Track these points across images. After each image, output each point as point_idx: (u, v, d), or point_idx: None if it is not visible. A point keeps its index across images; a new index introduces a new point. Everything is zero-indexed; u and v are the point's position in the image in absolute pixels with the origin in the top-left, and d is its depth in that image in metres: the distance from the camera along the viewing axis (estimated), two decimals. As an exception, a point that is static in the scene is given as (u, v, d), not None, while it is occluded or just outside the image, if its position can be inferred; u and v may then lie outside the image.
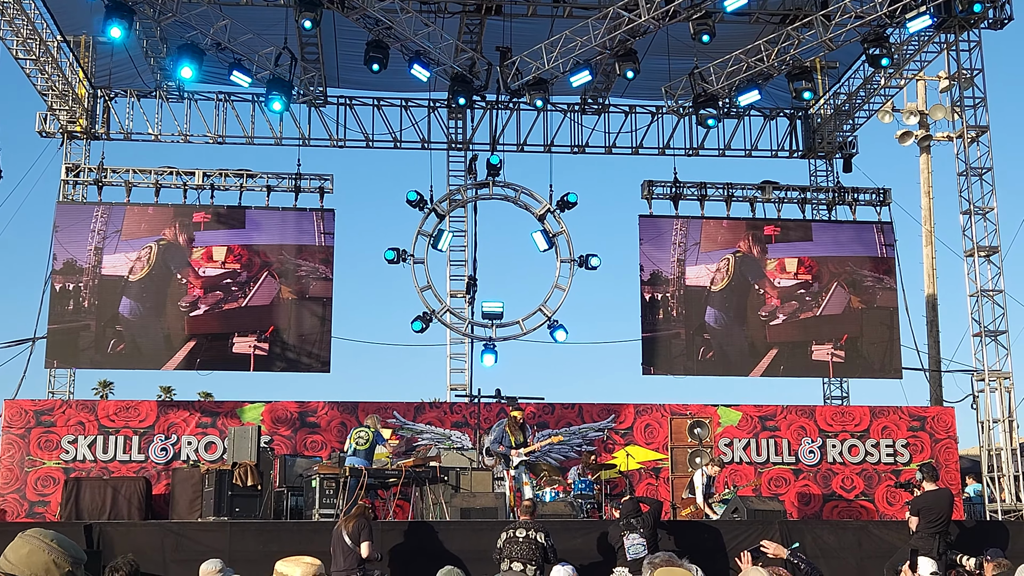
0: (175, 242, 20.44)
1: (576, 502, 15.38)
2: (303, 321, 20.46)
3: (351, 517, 11.92)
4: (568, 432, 19.06)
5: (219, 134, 21.93)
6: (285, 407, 19.15)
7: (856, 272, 21.64)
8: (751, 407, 20.05)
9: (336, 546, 11.74)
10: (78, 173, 21.26)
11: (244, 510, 15.07)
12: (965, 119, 19.94)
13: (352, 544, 11.61)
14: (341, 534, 11.73)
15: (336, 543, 11.76)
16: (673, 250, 21.41)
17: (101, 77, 21.22)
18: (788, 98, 20.92)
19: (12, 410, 18.62)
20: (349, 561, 11.54)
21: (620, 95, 22.24)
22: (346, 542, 11.65)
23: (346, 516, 12.09)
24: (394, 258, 19.91)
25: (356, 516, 11.90)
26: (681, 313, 21.19)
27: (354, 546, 11.61)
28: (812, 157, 23.46)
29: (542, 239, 20.50)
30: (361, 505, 12.29)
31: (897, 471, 19.63)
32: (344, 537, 11.68)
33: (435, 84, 19.84)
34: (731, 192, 22.02)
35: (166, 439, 18.70)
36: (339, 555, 11.65)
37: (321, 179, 21.16)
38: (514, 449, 15.98)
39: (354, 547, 11.61)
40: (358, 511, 12.02)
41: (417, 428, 19.12)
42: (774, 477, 19.62)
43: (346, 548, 11.63)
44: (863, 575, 13.28)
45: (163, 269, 20.29)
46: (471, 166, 21.45)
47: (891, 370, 21.46)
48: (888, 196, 22.18)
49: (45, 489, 18.19)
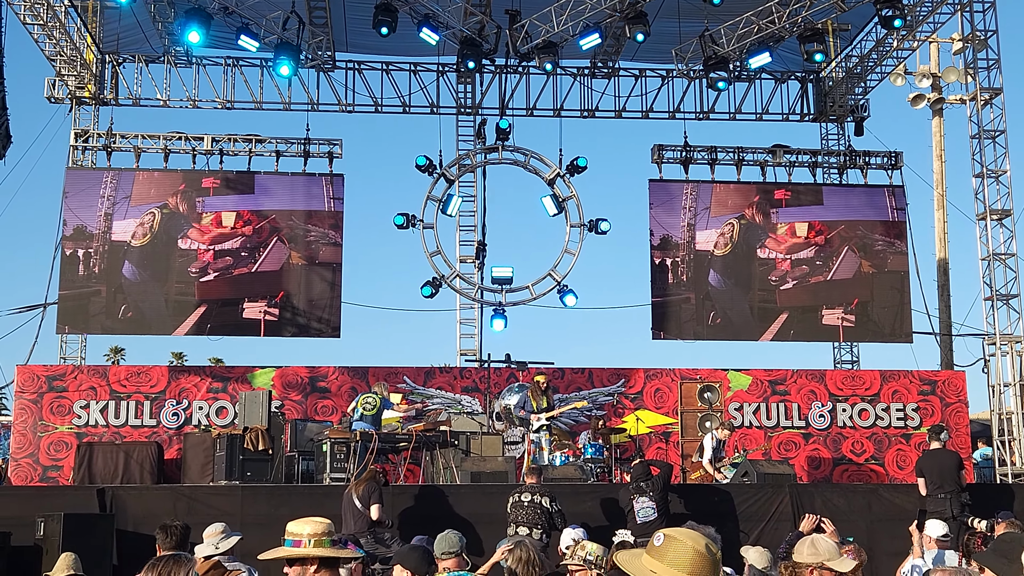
0: (176, 210, 20.41)
1: (586, 466, 15.44)
2: (313, 286, 20.47)
3: (361, 481, 11.98)
4: (579, 397, 19.07)
5: (227, 99, 21.86)
6: (296, 372, 19.20)
7: (867, 236, 21.55)
8: (761, 371, 20.05)
9: (347, 509, 11.81)
10: (87, 139, 21.24)
11: (255, 474, 15.12)
12: (979, 81, 19.79)
13: (362, 507, 11.67)
14: (352, 498, 11.80)
15: (347, 506, 11.83)
16: (683, 214, 21.33)
17: (109, 42, 21.14)
18: (799, 61, 20.75)
19: (24, 375, 18.70)
20: (359, 524, 11.60)
21: (630, 58, 22.07)
22: (356, 505, 11.71)
23: (357, 480, 12.16)
24: (403, 223, 19.88)
25: (366, 480, 11.96)
26: (691, 278, 21.14)
27: (364, 509, 11.67)
28: (823, 121, 23.30)
29: (552, 204, 20.44)
30: (372, 469, 12.35)
31: (907, 435, 19.63)
32: (354, 500, 11.74)
33: (444, 48, 19.72)
34: (742, 156, 21.89)
35: (177, 404, 18.78)
36: (349, 518, 11.72)
37: (330, 144, 21.08)
38: (535, 413, 16.02)
39: (364, 510, 11.67)
40: (368, 475, 12.08)
41: (427, 393, 19.16)
42: (784, 441, 19.64)
43: (356, 511, 11.70)
44: (873, 538, 13.28)
45: (164, 236, 20.28)
46: (480, 131, 21.36)
47: (902, 334, 21.41)
48: (900, 160, 22.04)
49: (58, 454, 18.30)
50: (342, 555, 4.90)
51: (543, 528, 12.04)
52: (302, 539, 4.63)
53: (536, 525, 12.02)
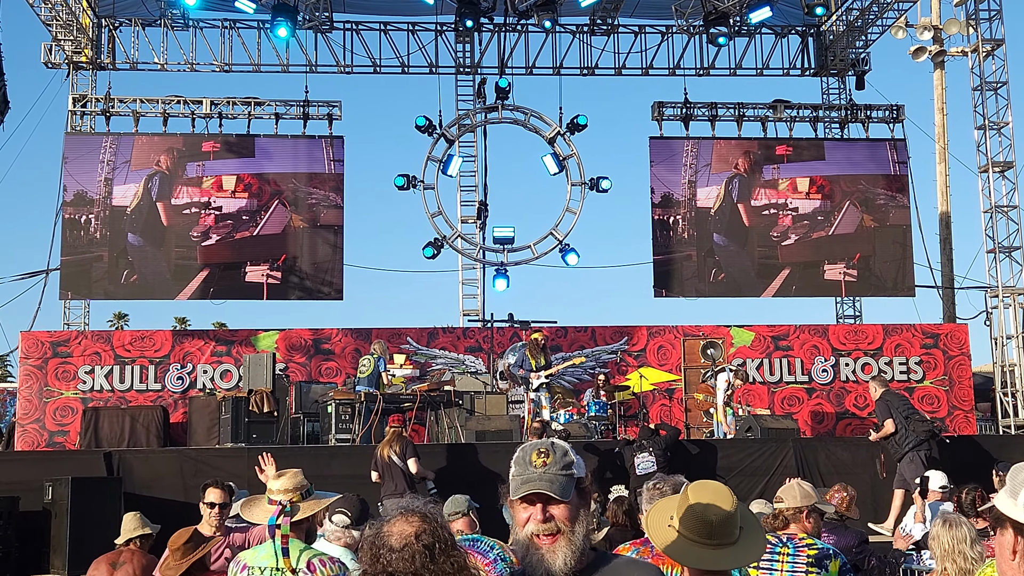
0: (163, 171, 20.35)
1: (590, 424, 15.51)
2: (315, 249, 20.48)
3: (392, 440, 11.92)
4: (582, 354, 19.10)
5: (225, 62, 21.75)
6: (299, 335, 19.25)
7: (869, 190, 21.50)
8: (764, 327, 20.06)
9: (384, 471, 11.82)
10: (85, 104, 21.16)
11: (261, 436, 15.21)
12: (980, 32, 19.67)
13: (402, 465, 11.70)
14: (389, 458, 11.80)
15: (384, 468, 11.83)
16: (684, 172, 21.28)
17: (105, 6, 21.00)
18: (800, 15, 20.62)
19: (28, 341, 18.77)
20: (400, 484, 11.64)
21: (629, 15, 21.90)
22: (396, 463, 11.72)
23: (386, 441, 12.07)
24: (404, 184, 19.84)
25: (397, 438, 11.94)
26: (692, 235, 21.12)
27: (404, 466, 11.70)
28: (824, 75, 23.17)
29: (552, 162, 20.39)
30: (394, 428, 12.29)
31: (911, 388, 19.68)
32: (394, 459, 11.74)
33: (442, 7, 19.61)
34: (742, 112, 21.80)
35: (182, 368, 18.84)
36: (388, 480, 11.76)
37: (329, 106, 21.01)
38: (534, 372, 16.03)
39: (404, 467, 11.70)
40: (394, 434, 12.05)
41: (431, 353, 19.21)
42: (787, 396, 19.70)
43: (396, 470, 11.72)
44: (876, 491, 13.37)
45: (149, 199, 20.23)
46: (480, 90, 21.27)
47: (904, 288, 21.42)
48: (901, 113, 21.94)
49: (64, 419, 18.38)
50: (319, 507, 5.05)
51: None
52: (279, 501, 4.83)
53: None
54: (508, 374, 18.40)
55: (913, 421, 12.76)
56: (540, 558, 3.06)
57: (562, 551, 3.06)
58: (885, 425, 12.79)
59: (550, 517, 3.07)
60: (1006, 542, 2.58)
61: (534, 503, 3.10)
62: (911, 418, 12.83)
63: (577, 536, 3.09)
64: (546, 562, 3.06)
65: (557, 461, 3.11)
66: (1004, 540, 2.59)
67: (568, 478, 3.11)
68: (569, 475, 3.11)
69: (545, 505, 3.08)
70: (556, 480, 3.08)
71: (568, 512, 3.09)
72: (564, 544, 3.06)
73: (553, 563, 3.05)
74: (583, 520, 3.13)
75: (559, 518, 3.07)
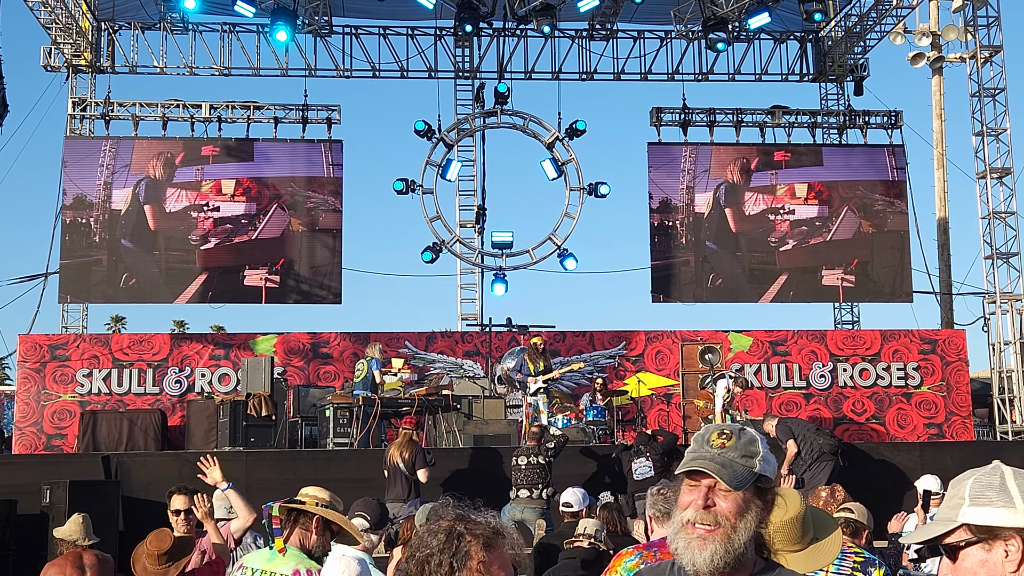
0: (151, 176, 20.36)
1: (588, 428, 15.51)
2: (314, 253, 20.49)
3: (403, 445, 11.90)
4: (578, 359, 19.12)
5: (224, 66, 21.76)
6: (297, 338, 19.24)
7: (867, 196, 21.53)
8: (762, 332, 20.08)
9: (391, 474, 11.84)
10: (85, 107, 21.17)
11: (259, 440, 15.20)
12: (978, 39, 19.71)
13: (408, 472, 11.70)
14: (397, 464, 11.80)
15: (391, 471, 11.85)
16: (682, 177, 21.31)
17: (104, 9, 21.02)
18: (799, 20, 20.64)
19: (27, 345, 18.76)
20: (405, 488, 11.62)
21: (628, 20, 21.92)
22: (402, 470, 11.73)
23: (398, 443, 12.04)
24: (403, 188, 19.87)
25: (408, 443, 11.93)
26: (690, 240, 21.15)
27: (408, 472, 11.70)
28: (823, 81, 23.20)
29: (551, 167, 20.42)
30: (407, 432, 12.30)
31: (908, 394, 19.69)
32: (400, 465, 11.75)
33: (441, 11, 19.63)
34: (741, 118, 21.84)
35: (180, 371, 18.83)
36: (393, 483, 11.77)
37: (328, 110, 21.04)
38: (532, 376, 16.02)
39: (408, 473, 11.70)
40: (405, 438, 12.03)
41: (429, 357, 19.21)
42: (785, 401, 19.70)
43: (403, 477, 11.72)
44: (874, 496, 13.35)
45: (138, 204, 20.23)
46: (479, 94, 21.29)
47: (902, 294, 21.45)
48: (900, 119, 21.98)
49: (62, 422, 18.37)
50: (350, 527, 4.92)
51: (545, 484, 12.13)
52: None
53: (535, 485, 12.12)
54: (506, 378, 18.40)
55: (821, 435, 13.01)
56: (687, 544, 2.63)
57: (712, 546, 2.60)
58: (788, 446, 12.88)
59: (711, 505, 2.63)
60: (1005, 557, 2.25)
61: (698, 483, 2.67)
62: (819, 433, 13.12)
63: (738, 536, 2.61)
64: (691, 551, 2.62)
65: (738, 447, 2.68)
66: (993, 557, 2.26)
67: (746, 469, 2.66)
68: (748, 466, 2.66)
69: (710, 492, 2.65)
70: (730, 465, 2.65)
71: (736, 507, 2.63)
72: (720, 539, 2.61)
73: (697, 556, 2.61)
74: (750, 521, 2.64)
75: (723, 512, 2.63)
